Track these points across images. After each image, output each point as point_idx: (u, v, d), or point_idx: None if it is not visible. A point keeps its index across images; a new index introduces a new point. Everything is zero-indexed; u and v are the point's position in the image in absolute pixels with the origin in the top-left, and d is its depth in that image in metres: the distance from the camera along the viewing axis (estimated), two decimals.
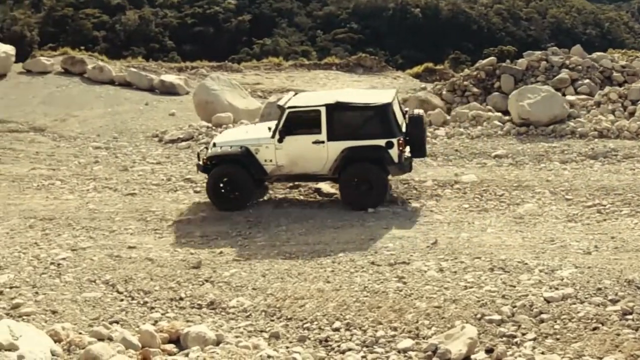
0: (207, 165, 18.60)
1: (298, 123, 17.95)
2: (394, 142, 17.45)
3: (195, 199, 19.47)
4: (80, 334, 11.40)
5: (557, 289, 12.32)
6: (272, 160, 18.12)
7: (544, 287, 12.49)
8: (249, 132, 19.47)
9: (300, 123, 17.96)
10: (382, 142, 17.49)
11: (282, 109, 18.16)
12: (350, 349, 11.27)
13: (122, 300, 13.63)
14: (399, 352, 11.07)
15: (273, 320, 12.46)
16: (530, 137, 22.60)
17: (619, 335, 10.82)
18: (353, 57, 46.01)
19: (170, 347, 11.17)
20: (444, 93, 27.81)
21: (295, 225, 17.08)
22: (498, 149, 21.70)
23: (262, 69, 42.19)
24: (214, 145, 18.85)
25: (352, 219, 17.20)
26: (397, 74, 42.51)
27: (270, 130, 18.32)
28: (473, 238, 15.36)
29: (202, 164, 18.79)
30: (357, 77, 40.64)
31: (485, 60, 28.55)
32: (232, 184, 18.26)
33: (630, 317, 11.30)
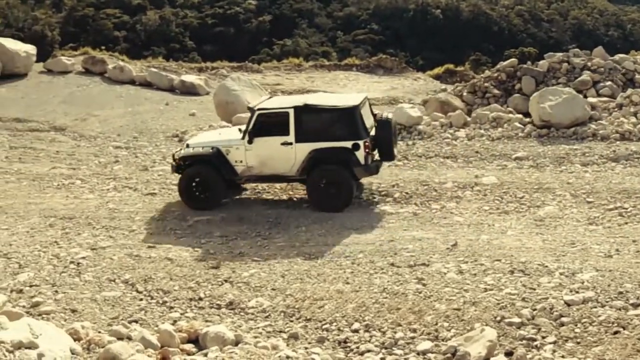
0: (180, 166, 19.02)
1: (267, 125, 18.29)
2: (360, 144, 17.72)
3: None
4: (99, 333, 11.43)
5: (577, 292, 12.26)
6: (242, 161, 18.51)
7: (565, 290, 12.43)
8: (222, 134, 20.12)
9: (270, 125, 18.28)
10: (348, 144, 17.78)
11: (251, 111, 18.59)
12: (369, 351, 11.25)
13: (141, 300, 13.66)
14: (418, 354, 11.03)
15: (292, 321, 12.45)
16: (551, 139, 22.46)
17: None
18: (373, 58, 45.93)
19: (189, 347, 11.18)
20: (465, 94, 27.70)
21: (315, 226, 17.07)
22: (519, 151, 21.60)
23: (282, 70, 42.21)
24: (187, 146, 19.34)
25: (371, 221, 17.18)
26: (417, 75, 42.40)
27: (241, 132, 18.70)
28: (493, 240, 15.29)
29: (175, 165, 19.21)
30: (377, 78, 40.57)
31: (506, 62, 28.44)
32: (203, 184, 18.63)
33: None
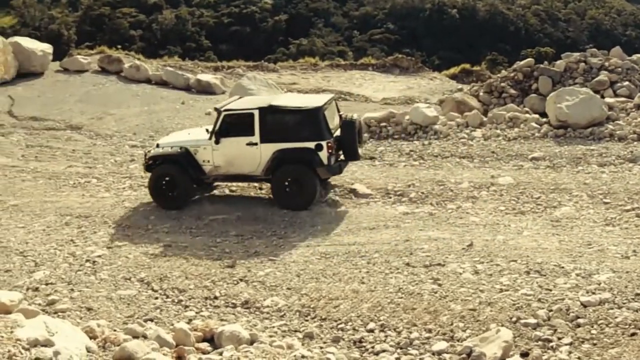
0: (150, 165, 19.32)
1: (233, 125, 18.57)
2: (323, 144, 17.95)
3: (231, 198, 19.51)
4: (115, 331, 11.45)
5: (594, 294, 12.18)
6: (209, 161, 18.80)
7: (581, 291, 12.35)
8: (191, 134, 20.23)
9: (236, 125, 18.55)
10: (311, 144, 18.01)
11: (218, 112, 18.89)
12: (385, 350, 11.24)
13: (156, 299, 13.70)
14: (434, 354, 11.02)
15: (307, 320, 12.45)
16: (568, 139, 22.35)
17: None
18: (389, 57, 45.91)
19: (204, 345, 11.19)
20: (481, 94, 27.65)
21: (331, 226, 17.05)
22: (535, 151, 21.50)
23: (298, 69, 42.21)
24: (157, 146, 19.66)
25: (387, 220, 17.14)
26: (433, 75, 42.34)
27: (208, 133, 19.02)
28: (509, 241, 15.22)
29: (145, 164, 19.56)
30: (393, 77, 40.53)
31: (523, 62, 28.36)
32: (171, 183, 18.91)
33: None
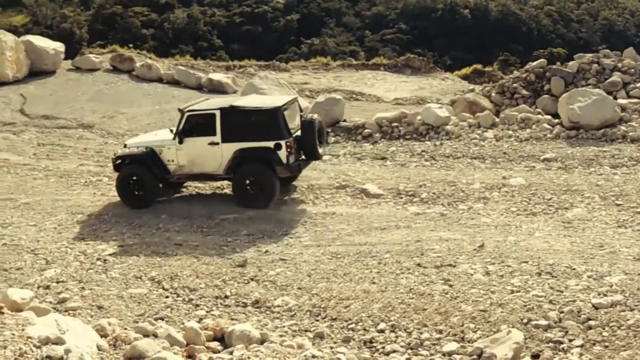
0: (118, 165, 19.70)
1: (196, 125, 19.01)
2: (282, 144, 18.27)
3: None
4: (125, 330, 11.47)
5: (605, 296, 12.13)
6: (174, 161, 19.19)
7: (593, 293, 12.30)
8: (158, 134, 20.75)
9: (198, 125, 18.99)
10: (270, 144, 18.35)
11: (181, 113, 19.22)
12: (395, 351, 11.21)
13: (167, 297, 13.71)
14: (444, 355, 10.98)
15: (318, 320, 12.43)
16: (580, 140, 22.29)
17: None
18: (401, 57, 45.93)
19: (215, 344, 11.18)
20: (493, 95, 27.60)
21: (342, 226, 17.03)
22: (547, 153, 21.45)
23: (309, 69, 42.24)
24: (125, 146, 20.20)
25: (398, 221, 17.12)
26: (445, 75, 42.33)
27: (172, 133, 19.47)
28: (520, 242, 15.17)
29: (113, 164, 19.97)
30: (405, 77, 40.52)
31: (535, 63, 28.28)
32: (137, 183, 19.27)
33: None
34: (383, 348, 11.35)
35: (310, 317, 12.59)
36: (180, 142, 18.96)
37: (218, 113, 18.69)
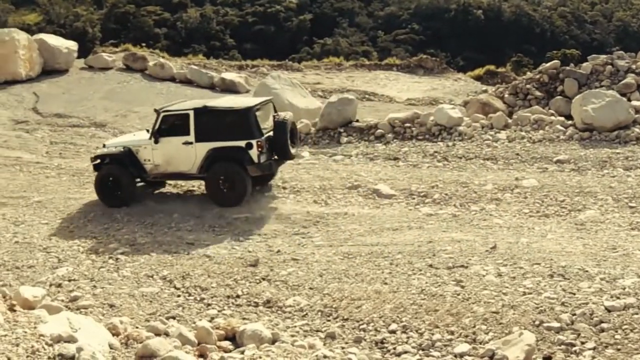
0: (97, 165, 20.17)
1: (171, 126, 19.43)
2: (253, 143, 18.64)
3: (254, 197, 19.49)
4: (137, 328, 11.48)
5: (618, 298, 12.06)
6: (150, 160, 19.65)
7: (605, 295, 12.24)
8: (136, 135, 21.44)
9: (173, 126, 19.42)
10: (242, 143, 18.75)
11: (157, 113, 19.69)
12: (406, 352, 11.19)
13: (179, 296, 13.72)
14: (456, 356, 10.95)
15: (329, 321, 12.42)
16: (594, 142, 22.19)
17: None
18: (414, 58, 45.98)
19: (226, 344, 11.19)
20: (506, 96, 27.57)
21: (354, 226, 17.01)
22: (560, 154, 21.36)
23: (322, 69, 42.29)
24: (104, 147, 20.74)
25: (410, 221, 17.08)
26: (458, 76, 42.32)
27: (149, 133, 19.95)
28: (533, 243, 15.11)
29: (92, 164, 20.47)
30: (417, 78, 40.53)
31: (549, 64, 28.24)
32: (115, 182, 19.65)
33: None
34: (394, 349, 11.32)
35: (322, 317, 12.57)
36: (156, 142, 19.40)
37: (192, 113, 19.09)
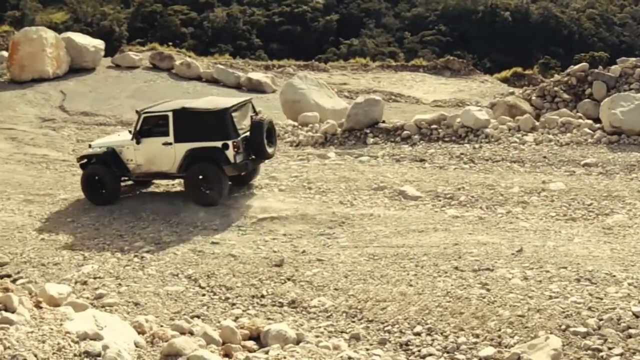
0: (83, 165, 20.56)
1: (152, 126, 19.81)
2: (229, 144, 18.92)
3: (280, 197, 19.51)
4: (161, 327, 11.51)
5: None
6: (132, 160, 20.00)
7: (633, 301, 12.11)
8: (120, 135, 21.72)
9: (154, 126, 19.79)
10: (218, 144, 19.03)
11: (138, 114, 19.98)
12: (431, 354, 11.14)
13: (203, 295, 13.73)
14: (480, 359, 10.89)
15: (354, 322, 12.38)
16: (622, 146, 22.02)
17: None
18: (440, 59, 45.89)
19: (251, 344, 11.19)
20: (533, 98, 27.39)
21: (379, 227, 16.96)
22: (588, 157, 21.21)
23: (348, 69, 42.27)
24: (90, 147, 21.08)
25: (436, 223, 17.02)
26: (484, 78, 42.17)
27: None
28: (559, 247, 14.99)
29: (78, 164, 20.89)
30: (444, 79, 40.41)
31: (577, 66, 28.01)
32: (100, 181, 20.00)
33: None
34: (419, 351, 11.27)
35: (347, 318, 12.54)
36: (138, 142, 19.72)
37: (171, 114, 19.38)
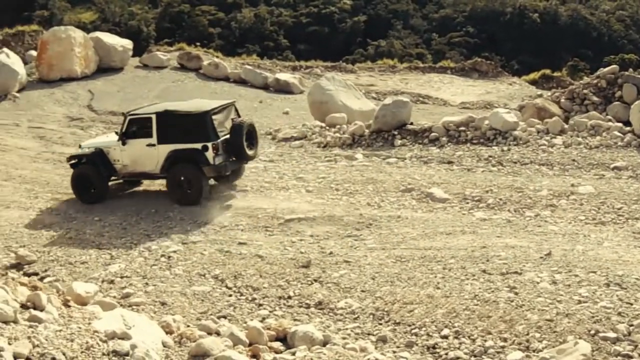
0: (72, 164, 21.16)
1: (136, 128, 20.37)
2: (209, 145, 19.39)
3: (307, 198, 19.48)
4: (188, 327, 11.53)
5: None
6: (119, 161, 20.61)
7: None
8: (108, 137, 22.24)
9: (138, 128, 20.33)
10: (198, 145, 19.53)
11: (124, 116, 20.70)
12: (459, 358, 11.10)
13: (230, 296, 13.76)
14: None
15: (381, 324, 12.36)
16: None
17: None
18: (468, 61, 45.72)
19: (277, 345, 11.19)
20: (562, 101, 27.16)
21: (407, 229, 16.89)
22: (617, 161, 21.00)
23: (376, 71, 42.19)
24: (80, 147, 21.74)
25: (464, 226, 16.93)
26: (512, 80, 41.95)
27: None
28: (588, 251, 14.86)
29: (68, 164, 21.45)
30: (472, 81, 40.25)
31: (607, 69, 27.75)
32: (89, 181, 20.61)
33: None
34: (446, 354, 11.23)
35: (374, 320, 12.52)
36: (124, 143, 20.31)
37: (154, 117, 19.95)
